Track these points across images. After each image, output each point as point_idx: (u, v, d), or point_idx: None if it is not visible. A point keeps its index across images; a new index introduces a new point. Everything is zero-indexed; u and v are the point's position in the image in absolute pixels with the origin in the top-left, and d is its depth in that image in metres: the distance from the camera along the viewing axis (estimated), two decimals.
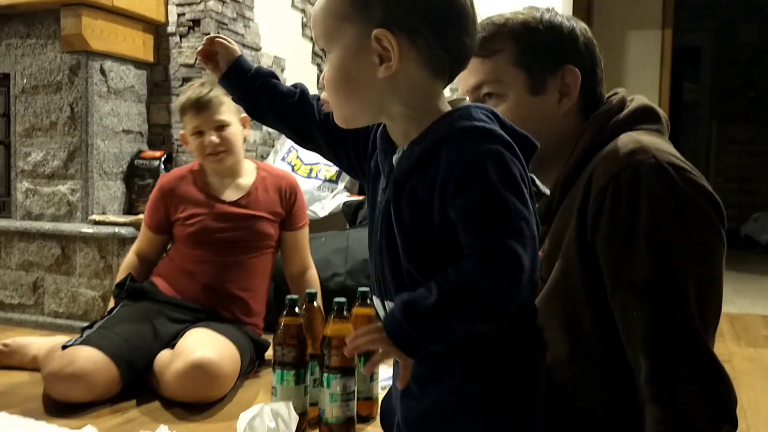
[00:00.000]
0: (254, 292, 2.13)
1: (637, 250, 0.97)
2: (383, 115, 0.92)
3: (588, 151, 1.10)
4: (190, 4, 3.10)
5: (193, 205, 2.10)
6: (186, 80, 3.13)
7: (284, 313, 1.76)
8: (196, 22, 3.09)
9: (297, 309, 1.75)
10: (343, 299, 1.72)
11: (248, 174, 2.17)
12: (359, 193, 3.39)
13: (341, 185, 3.35)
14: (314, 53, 3.98)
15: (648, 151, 1.00)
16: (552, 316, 1.09)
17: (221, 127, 2.05)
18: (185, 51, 3.12)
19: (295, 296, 1.77)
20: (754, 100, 6.80)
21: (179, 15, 3.12)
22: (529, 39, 1.12)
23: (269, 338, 1.94)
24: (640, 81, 5.43)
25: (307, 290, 1.87)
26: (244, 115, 2.09)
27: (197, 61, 3.10)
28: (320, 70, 4.05)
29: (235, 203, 2.11)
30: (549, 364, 1.14)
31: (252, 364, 2.05)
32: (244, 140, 2.17)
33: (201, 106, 2.02)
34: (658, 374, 0.95)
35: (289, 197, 2.18)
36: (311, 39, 3.93)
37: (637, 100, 1.17)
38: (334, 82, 0.91)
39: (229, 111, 2.07)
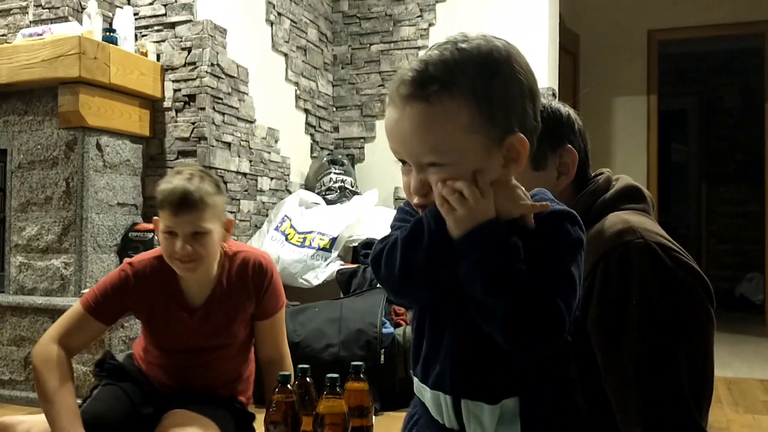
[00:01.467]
0: (235, 381, 1.96)
1: (628, 329, 0.98)
2: None
3: None
4: (186, 80, 3.18)
5: (159, 305, 1.83)
6: (181, 153, 3.18)
7: (276, 390, 1.74)
8: (191, 97, 3.17)
9: (289, 386, 1.74)
10: (335, 375, 1.71)
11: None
12: (353, 262, 3.40)
13: (335, 254, 3.36)
14: (307, 123, 4.06)
15: (636, 231, 1.02)
16: None
17: (198, 233, 1.72)
18: (181, 125, 3.18)
19: (287, 372, 1.76)
20: (742, 162, 6.91)
21: (175, 91, 3.19)
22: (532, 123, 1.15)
23: (259, 408, 1.91)
24: (628, 145, 5.53)
25: (300, 365, 1.85)
26: (230, 218, 1.85)
27: (192, 135, 3.16)
28: (314, 140, 4.12)
29: (203, 306, 1.85)
30: None
31: None
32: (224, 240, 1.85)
33: (181, 207, 1.69)
34: None
35: (258, 281, 1.88)
36: (305, 111, 4.01)
37: (623, 180, 1.20)
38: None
39: (213, 217, 1.75)
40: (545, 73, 3.96)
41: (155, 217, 1.82)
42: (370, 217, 3.56)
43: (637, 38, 5.46)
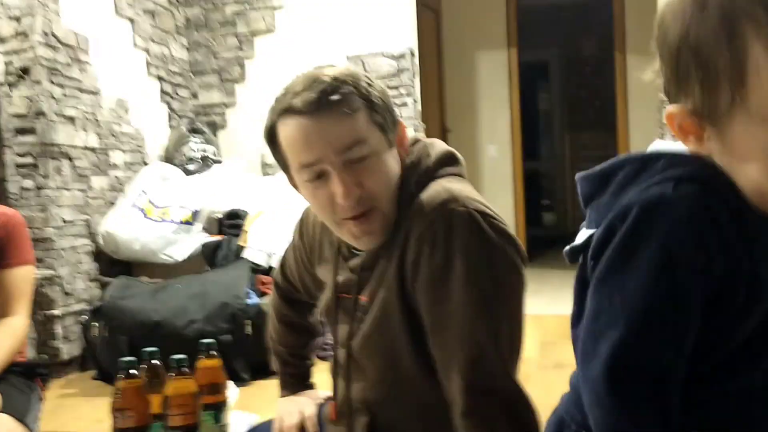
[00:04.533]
0: None
1: (453, 294, 1.03)
2: None
3: (404, 200, 1.13)
4: (17, 52, 2.95)
5: None
6: (19, 131, 2.97)
7: (121, 376, 1.69)
8: (25, 71, 2.94)
9: (134, 370, 1.69)
10: (182, 356, 1.67)
11: None
12: (218, 233, 3.33)
13: (198, 226, 3.28)
14: (163, 91, 3.89)
15: (458, 199, 1.05)
16: (370, 360, 1.13)
17: None
18: (16, 101, 2.96)
19: (131, 358, 1.71)
20: (600, 108, 7.29)
21: (6, 64, 2.96)
22: (373, 96, 1.11)
23: None
24: (492, 97, 5.69)
25: (146, 348, 1.80)
26: None
27: (29, 111, 2.96)
28: (171, 109, 3.95)
29: None
30: (370, 404, 1.17)
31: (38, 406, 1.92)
32: None
33: None
34: (472, 410, 1.01)
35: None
36: (158, 78, 3.84)
37: (438, 145, 1.21)
38: None
39: None
40: (408, 32, 3.98)
41: None
42: (235, 186, 3.49)
43: None
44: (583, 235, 0.76)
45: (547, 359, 2.88)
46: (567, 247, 0.79)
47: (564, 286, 4.59)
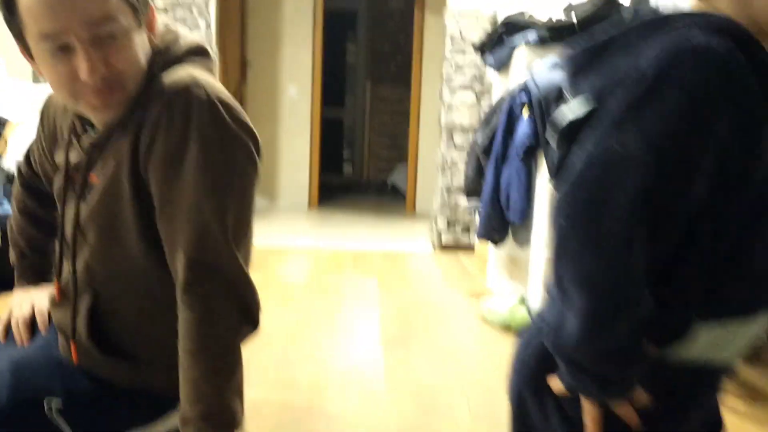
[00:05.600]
0: None
1: (185, 175, 1.04)
2: None
3: (147, 80, 1.12)
4: None
5: None
6: None
7: None
8: None
9: None
10: None
11: None
12: None
13: None
14: None
15: (201, 85, 1.06)
16: (95, 234, 1.13)
17: None
18: None
19: None
20: (401, 63, 7.57)
21: None
22: None
23: None
24: (296, 39, 5.68)
25: None
26: None
27: None
28: None
29: None
30: (94, 282, 1.17)
31: None
32: None
33: None
34: (193, 284, 1.04)
35: None
36: None
37: (190, 37, 1.22)
38: None
39: None
40: None
41: None
42: None
43: None
44: (578, 104, 0.77)
45: (315, 285, 3.09)
46: (567, 118, 0.78)
47: (344, 224, 4.84)
